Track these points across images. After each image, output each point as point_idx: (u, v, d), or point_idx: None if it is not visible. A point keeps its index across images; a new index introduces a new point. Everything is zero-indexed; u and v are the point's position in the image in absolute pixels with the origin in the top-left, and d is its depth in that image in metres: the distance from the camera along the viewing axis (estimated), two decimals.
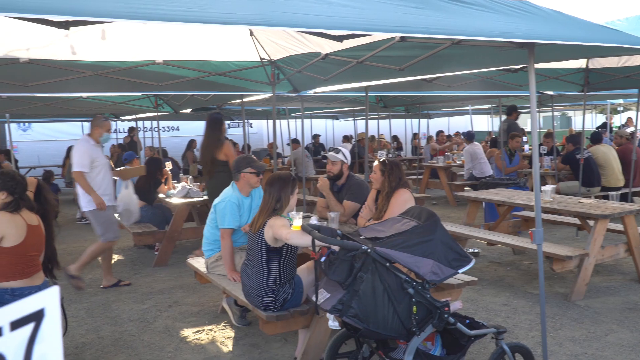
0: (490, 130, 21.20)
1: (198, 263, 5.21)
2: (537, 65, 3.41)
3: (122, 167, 8.27)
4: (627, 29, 3.74)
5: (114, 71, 5.85)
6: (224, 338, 4.69)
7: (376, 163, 4.85)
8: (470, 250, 7.14)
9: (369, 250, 3.08)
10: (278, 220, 3.85)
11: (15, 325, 0.62)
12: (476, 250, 7.18)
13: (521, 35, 2.95)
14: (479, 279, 4.68)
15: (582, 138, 8.77)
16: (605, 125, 16.72)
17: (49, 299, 0.66)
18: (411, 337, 3.19)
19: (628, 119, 17.96)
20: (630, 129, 13.59)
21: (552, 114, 11.97)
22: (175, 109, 10.38)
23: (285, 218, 3.97)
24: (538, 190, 3.66)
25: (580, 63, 7.28)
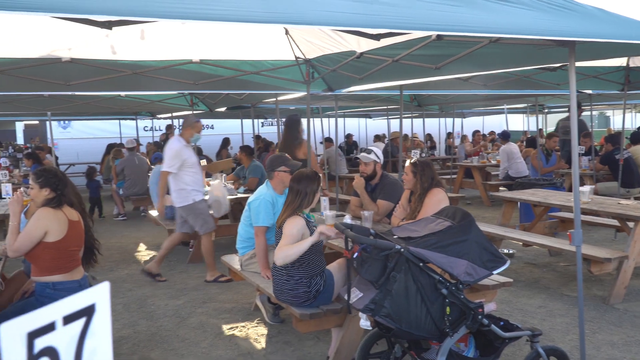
0: (525, 129, 20.82)
1: (232, 260, 5.26)
2: (576, 64, 3.34)
3: (213, 162, 8.53)
4: None
5: (152, 70, 5.95)
6: (257, 335, 4.73)
7: (407, 164, 4.82)
8: (505, 251, 7.04)
9: (403, 250, 3.07)
10: (287, 227, 3.88)
11: (68, 319, 0.64)
12: (511, 251, 7.08)
13: (561, 33, 2.89)
14: (514, 281, 4.62)
15: (622, 138, 8.56)
16: None
17: (99, 295, 0.68)
18: (444, 338, 3.17)
19: None
20: None
21: (591, 113, 11.70)
22: (210, 107, 10.50)
23: (304, 216, 4.00)
24: (577, 191, 3.59)
25: (620, 61, 7.10)
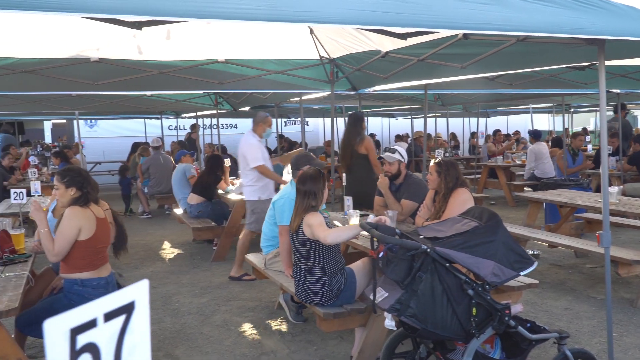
0: (551, 129, 20.56)
1: (256, 259, 5.29)
2: (606, 63, 3.28)
3: (285, 154, 8.72)
4: None
5: (178, 70, 6.01)
6: (281, 334, 4.75)
7: (432, 164, 4.79)
8: (530, 252, 6.96)
9: (429, 250, 3.06)
10: (313, 219, 3.88)
11: (109, 316, 0.64)
12: (536, 252, 7.00)
13: (591, 31, 2.84)
14: (539, 282, 4.57)
15: None
16: None
17: (139, 293, 0.69)
18: (470, 339, 3.15)
19: None
20: None
21: (619, 113, 11.49)
22: (234, 106, 10.57)
23: (320, 214, 4.01)
24: (606, 192, 3.53)
25: None
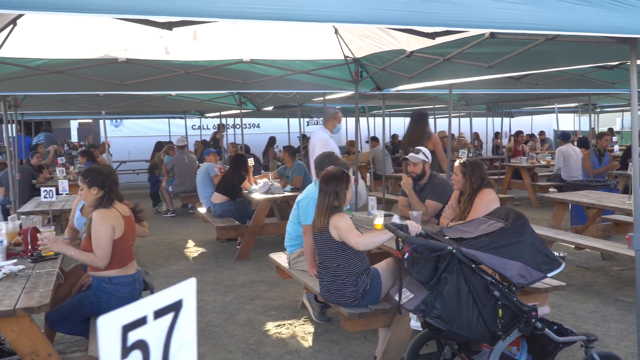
0: (576, 129, 20.26)
1: (280, 258, 5.31)
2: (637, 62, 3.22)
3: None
4: None
5: (204, 70, 6.06)
6: (304, 333, 4.76)
7: (457, 164, 4.77)
8: (556, 253, 6.84)
9: (454, 251, 3.04)
10: (342, 222, 3.86)
11: (158, 314, 0.65)
12: (562, 254, 6.90)
13: (623, 30, 2.79)
14: (565, 284, 4.51)
15: None
16: None
17: (186, 291, 0.69)
18: (496, 341, 3.12)
19: None
20: None
21: None
22: (257, 106, 10.61)
23: (346, 213, 4.00)
24: (638, 193, 3.47)
25: None
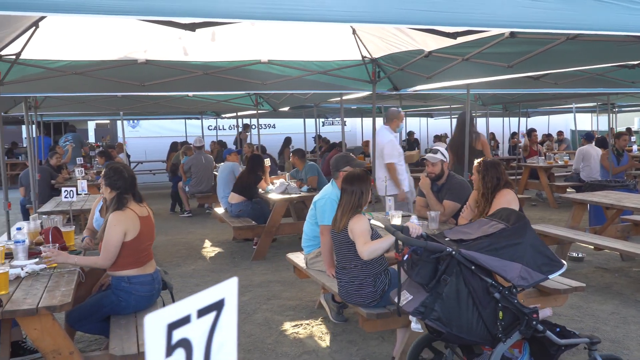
0: (594, 129, 20.06)
1: (297, 258, 5.32)
2: None
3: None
4: None
5: (222, 71, 6.09)
6: (322, 333, 4.76)
7: (475, 163, 4.75)
8: (574, 254, 6.82)
9: (454, 253, 3.02)
10: (357, 225, 3.87)
11: (201, 313, 0.66)
12: (580, 255, 6.85)
13: None
14: (585, 285, 4.48)
15: None
16: None
17: (228, 290, 0.70)
18: (496, 344, 3.09)
19: None
20: None
21: None
22: (274, 107, 10.64)
23: (365, 215, 4.01)
24: None
25: None
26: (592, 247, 6.44)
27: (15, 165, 16.44)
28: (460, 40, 4.30)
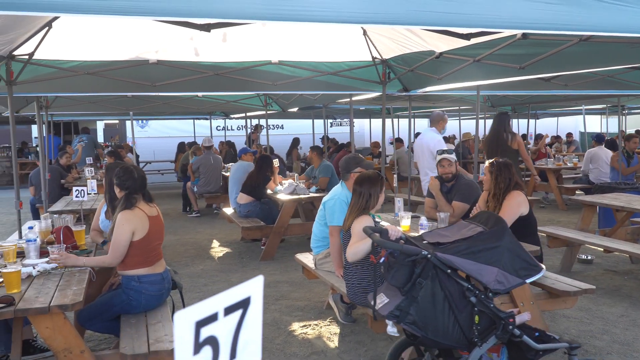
0: (604, 131, 19.95)
1: (306, 259, 5.32)
2: None
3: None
4: None
5: (232, 71, 6.10)
6: (330, 334, 4.76)
7: (486, 164, 4.75)
8: (584, 257, 6.79)
9: (429, 256, 3.02)
10: (357, 226, 3.88)
11: (228, 311, 0.67)
12: (589, 257, 6.81)
13: None
14: (595, 288, 4.46)
15: None
16: None
17: (254, 288, 0.71)
18: (472, 348, 3.08)
19: None
20: None
21: None
22: (283, 107, 10.64)
23: (370, 216, 4.02)
24: None
25: None
26: (602, 249, 6.41)
27: (25, 165, 16.54)
28: (474, 41, 4.29)
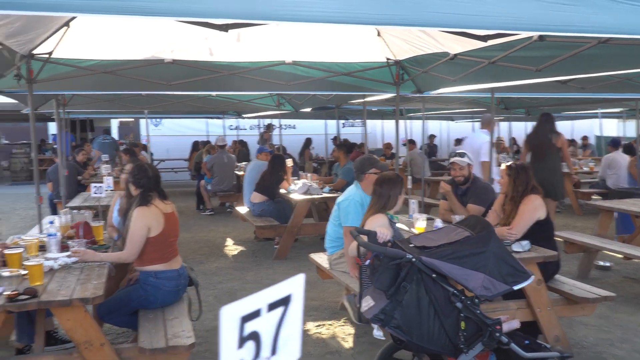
0: (620, 135, 19.77)
1: (320, 259, 5.34)
2: None
3: None
4: None
5: (246, 71, 6.13)
6: (345, 334, 4.76)
7: (503, 167, 4.74)
8: (601, 263, 6.71)
9: (414, 260, 3.00)
10: (370, 222, 3.92)
11: (271, 307, 0.68)
12: (607, 264, 6.74)
13: None
14: (615, 295, 4.42)
15: None
16: None
17: (295, 287, 0.72)
18: (459, 354, 3.05)
19: None
20: None
21: None
22: (296, 107, 10.66)
23: (387, 216, 4.05)
24: None
25: None
26: (621, 256, 6.34)
27: (42, 161, 16.71)
28: (491, 42, 4.28)
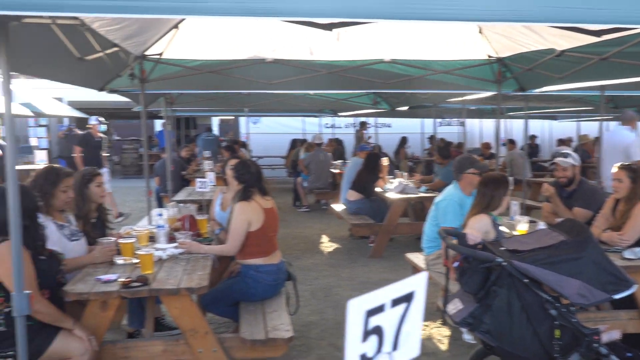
0: None
1: (416, 258, 5.30)
2: None
3: None
4: None
5: (345, 70, 6.19)
6: (441, 336, 4.71)
7: (617, 169, 4.46)
8: None
9: (504, 264, 2.89)
10: (472, 221, 3.95)
11: (395, 303, 0.70)
12: None
13: None
14: None
15: None
16: None
17: (418, 284, 0.74)
18: None
19: None
20: None
21: None
22: (392, 106, 10.61)
23: (491, 217, 4.02)
24: None
25: None
26: None
27: (150, 157, 17.77)
28: (604, 37, 4.06)
